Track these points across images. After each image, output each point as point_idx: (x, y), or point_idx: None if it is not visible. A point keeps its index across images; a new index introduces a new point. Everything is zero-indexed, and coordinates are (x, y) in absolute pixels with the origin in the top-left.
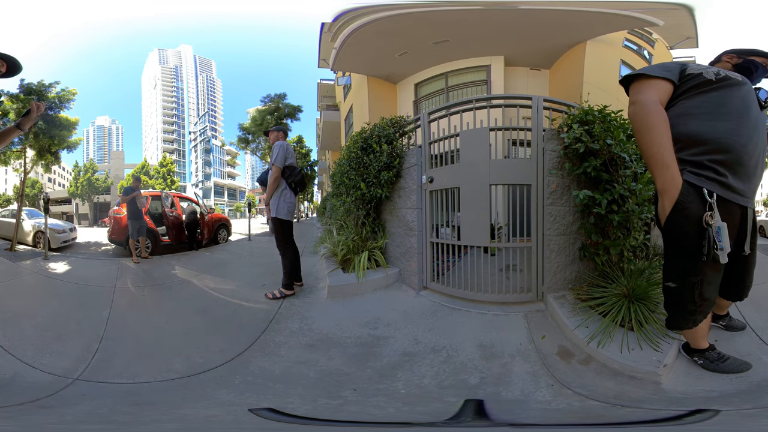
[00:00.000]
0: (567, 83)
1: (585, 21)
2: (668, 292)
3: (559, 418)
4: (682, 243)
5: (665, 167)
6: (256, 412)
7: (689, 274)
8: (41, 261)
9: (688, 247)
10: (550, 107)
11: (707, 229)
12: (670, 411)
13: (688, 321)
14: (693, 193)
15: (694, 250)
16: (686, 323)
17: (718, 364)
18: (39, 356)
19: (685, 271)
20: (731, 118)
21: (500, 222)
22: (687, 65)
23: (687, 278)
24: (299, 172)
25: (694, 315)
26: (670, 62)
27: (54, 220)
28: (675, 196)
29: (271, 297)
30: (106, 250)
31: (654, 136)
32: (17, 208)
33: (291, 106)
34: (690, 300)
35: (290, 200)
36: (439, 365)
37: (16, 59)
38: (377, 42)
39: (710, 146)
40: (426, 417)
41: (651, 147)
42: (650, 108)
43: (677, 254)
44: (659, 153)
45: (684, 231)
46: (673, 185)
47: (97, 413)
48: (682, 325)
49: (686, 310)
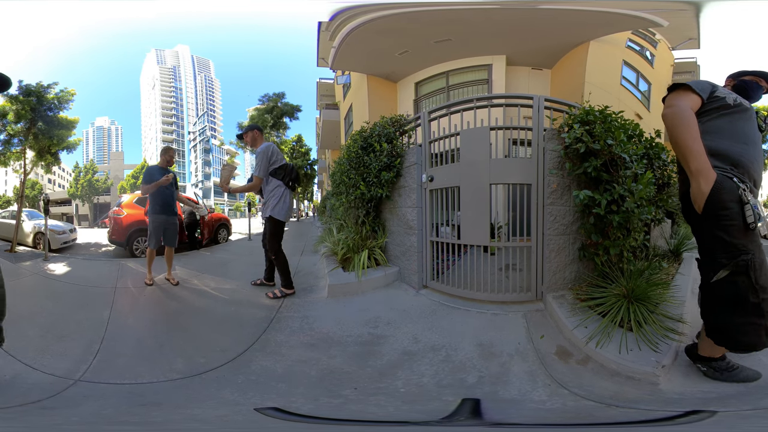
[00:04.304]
0: (568, 83)
1: (590, 21)
2: (719, 291)
3: (550, 418)
4: (728, 217)
5: (700, 153)
6: (262, 412)
7: (739, 251)
8: (41, 262)
9: (734, 220)
10: (551, 107)
11: (747, 203)
12: (666, 411)
13: (759, 330)
14: (726, 179)
15: (739, 224)
16: (758, 335)
17: (725, 373)
18: (40, 357)
19: (734, 248)
20: (746, 141)
21: (500, 221)
22: (717, 87)
23: (739, 257)
24: (292, 168)
25: (762, 317)
26: (704, 81)
27: (54, 221)
28: (711, 176)
29: (272, 296)
30: (106, 251)
31: (691, 131)
32: (17, 209)
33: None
34: (749, 288)
35: (290, 202)
36: (438, 364)
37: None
38: (377, 41)
39: (731, 160)
40: (424, 416)
41: (687, 139)
42: (687, 112)
43: (724, 231)
44: (695, 144)
45: (727, 204)
46: (707, 167)
47: (103, 414)
48: (755, 340)
49: (749, 308)
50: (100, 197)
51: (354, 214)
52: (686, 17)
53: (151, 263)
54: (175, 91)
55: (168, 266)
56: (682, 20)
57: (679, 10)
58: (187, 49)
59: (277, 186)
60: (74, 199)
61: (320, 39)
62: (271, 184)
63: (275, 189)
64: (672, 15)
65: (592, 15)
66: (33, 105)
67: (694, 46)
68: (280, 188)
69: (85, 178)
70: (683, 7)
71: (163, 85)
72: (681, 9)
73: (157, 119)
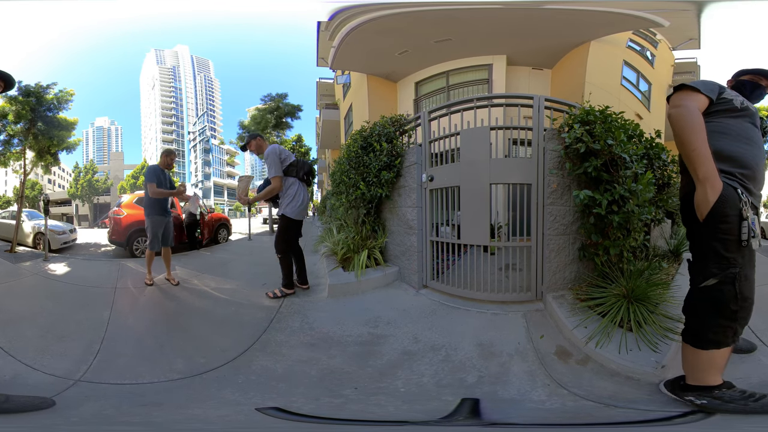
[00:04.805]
0: (569, 83)
1: (590, 21)
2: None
3: (549, 418)
4: (726, 231)
5: (707, 159)
6: (263, 411)
7: (730, 264)
8: (41, 262)
9: (730, 235)
10: (551, 107)
11: (745, 219)
12: (665, 412)
13: (727, 332)
14: (731, 189)
15: (735, 238)
16: (725, 335)
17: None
18: (40, 358)
19: (726, 261)
20: (751, 143)
21: (500, 221)
22: (724, 89)
23: (728, 269)
24: (303, 162)
25: (735, 321)
26: (711, 81)
27: (54, 222)
28: (717, 185)
29: (272, 296)
30: (106, 251)
31: (699, 135)
32: (17, 209)
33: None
34: (732, 298)
35: (304, 199)
36: (438, 364)
37: (11, 75)
38: (377, 40)
39: (738, 163)
40: (423, 415)
41: (695, 142)
42: (695, 113)
43: (720, 242)
44: (702, 148)
45: (728, 219)
46: (714, 174)
47: (104, 414)
48: (721, 338)
49: (727, 314)
50: (100, 197)
51: (354, 214)
52: (687, 17)
53: (150, 263)
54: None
55: (167, 266)
56: (683, 20)
57: (681, 11)
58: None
59: (291, 184)
60: (74, 199)
61: (320, 39)
62: (285, 183)
63: (289, 187)
64: (673, 15)
65: (593, 15)
66: (32, 105)
67: (694, 46)
68: (294, 186)
69: (85, 179)
70: (684, 7)
71: (163, 85)
72: (682, 9)
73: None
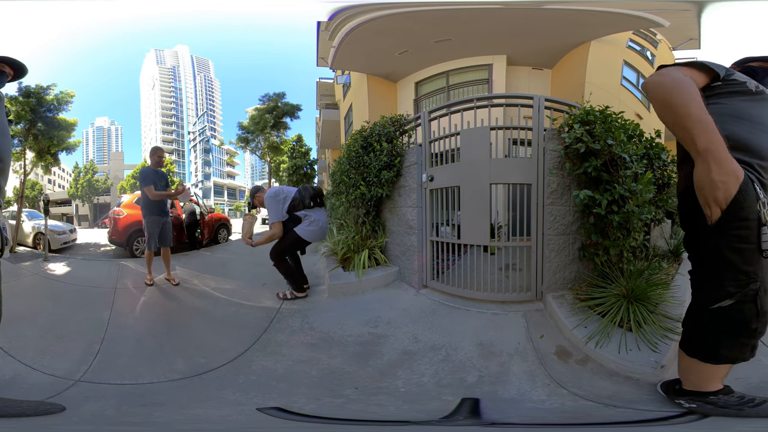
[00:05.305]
0: (569, 83)
1: (591, 21)
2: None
3: (549, 418)
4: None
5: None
6: (264, 411)
7: (750, 280)
8: (41, 262)
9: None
10: (551, 107)
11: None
12: (663, 412)
13: (745, 348)
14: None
15: (755, 247)
16: (742, 351)
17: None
18: (40, 358)
19: (745, 276)
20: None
21: (500, 221)
22: (734, 71)
23: (748, 286)
24: (306, 189)
25: (754, 338)
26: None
27: (54, 222)
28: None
29: (281, 297)
30: (106, 251)
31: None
32: (17, 209)
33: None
34: (753, 316)
35: (322, 224)
36: (438, 364)
37: (22, 63)
38: (377, 40)
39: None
40: (423, 415)
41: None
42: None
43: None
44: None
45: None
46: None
47: (104, 414)
48: (737, 355)
49: (747, 333)
50: (100, 197)
51: (354, 214)
52: (687, 17)
53: (150, 263)
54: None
55: (166, 266)
56: (683, 20)
57: (681, 11)
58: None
59: (305, 216)
60: (74, 199)
61: (320, 39)
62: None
63: (305, 217)
64: (673, 15)
65: (593, 15)
66: (32, 106)
67: (694, 46)
68: (309, 216)
69: (85, 179)
70: (684, 7)
71: (163, 85)
72: (682, 9)
73: (157, 119)
